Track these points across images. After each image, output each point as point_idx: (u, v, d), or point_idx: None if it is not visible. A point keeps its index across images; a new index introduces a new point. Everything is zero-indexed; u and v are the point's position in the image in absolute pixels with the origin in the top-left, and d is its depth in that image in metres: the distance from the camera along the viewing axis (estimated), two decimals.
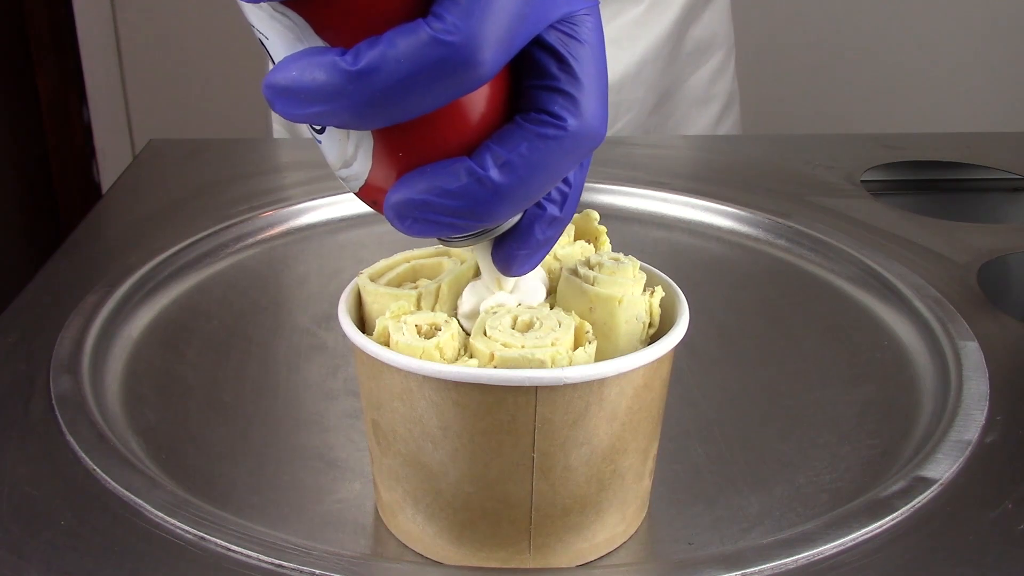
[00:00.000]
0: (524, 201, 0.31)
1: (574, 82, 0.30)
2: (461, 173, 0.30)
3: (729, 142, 0.95)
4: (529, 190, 0.31)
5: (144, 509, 0.39)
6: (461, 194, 0.30)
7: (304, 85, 0.28)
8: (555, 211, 0.34)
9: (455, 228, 0.31)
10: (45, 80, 1.95)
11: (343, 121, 0.29)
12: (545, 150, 0.30)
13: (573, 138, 0.30)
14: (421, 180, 0.30)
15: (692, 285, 0.41)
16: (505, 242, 0.34)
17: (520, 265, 0.35)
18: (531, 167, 0.30)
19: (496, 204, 0.30)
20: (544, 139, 0.30)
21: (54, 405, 0.46)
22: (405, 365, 0.34)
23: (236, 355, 0.54)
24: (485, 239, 0.34)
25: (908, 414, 0.49)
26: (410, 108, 0.28)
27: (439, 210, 0.30)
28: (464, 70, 0.27)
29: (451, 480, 0.36)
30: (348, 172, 0.32)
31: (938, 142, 0.89)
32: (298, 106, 0.28)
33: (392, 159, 0.31)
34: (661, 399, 0.38)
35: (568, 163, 0.31)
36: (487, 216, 0.31)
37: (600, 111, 0.31)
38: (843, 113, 1.96)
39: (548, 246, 0.35)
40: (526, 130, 0.30)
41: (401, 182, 0.31)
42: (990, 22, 1.92)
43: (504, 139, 0.30)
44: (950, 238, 0.67)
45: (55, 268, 0.62)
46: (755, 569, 0.37)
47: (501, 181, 0.30)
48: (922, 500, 0.40)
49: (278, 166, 0.83)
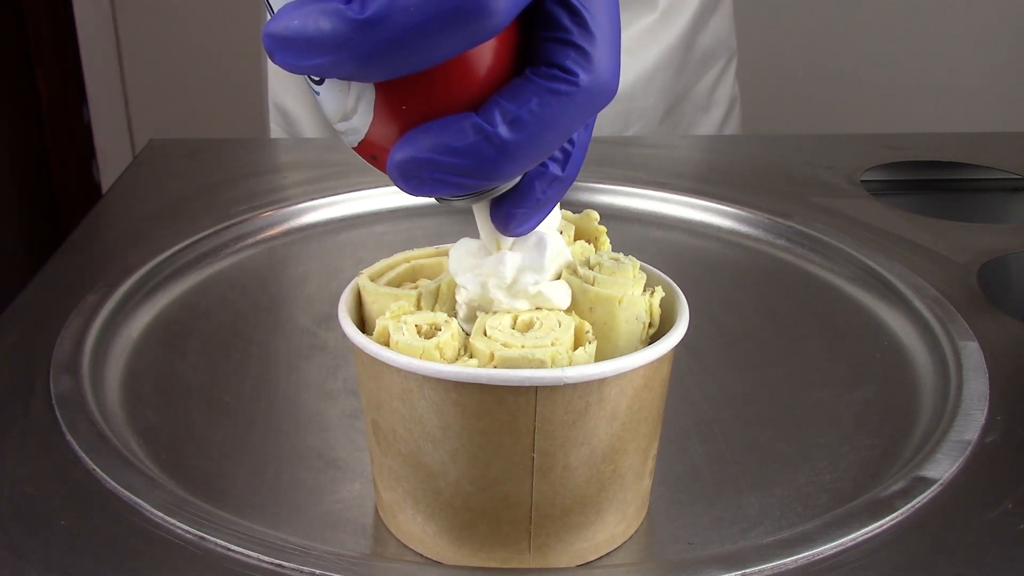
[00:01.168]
0: (533, 159, 0.30)
1: (587, 35, 0.29)
2: (468, 130, 0.29)
3: (729, 142, 0.95)
4: (538, 147, 0.30)
5: (144, 509, 0.39)
6: (468, 152, 0.29)
7: (307, 34, 0.27)
8: (557, 170, 0.33)
9: (461, 188, 0.30)
10: (45, 80, 1.95)
11: (347, 73, 0.27)
12: (556, 106, 0.29)
13: (585, 93, 0.29)
14: (426, 137, 0.29)
15: (692, 285, 0.41)
16: (504, 200, 0.33)
17: (518, 224, 0.34)
18: (541, 123, 0.29)
19: (504, 162, 0.29)
20: (555, 94, 0.29)
21: (54, 405, 0.46)
22: (405, 365, 0.34)
23: (236, 355, 0.54)
24: (485, 198, 0.33)
25: (908, 414, 0.49)
26: (417, 60, 0.27)
27: (445, 169, 0.29)
28: (476, 19, 0.26)
29: (451, 480, 0.36)
30: (347, 125, 0.31)
31: (938, 142, 0.89)
32: (300, 57, 0.27)
33: (395, 114, 0.30)
34: (661, 399, 0.38)
35: (579, 119, 0.30)
36: (495, 175, 0.30)
37: (613, 66, 0.30)
38: (843, 113, 1.96)
39: (548, 206, 0.34)
40: (536, 85, 0.29)
41: (405, 139, 0.30)
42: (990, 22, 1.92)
43: (513, 94, 0.29)
44: (950, 238, 0.67)
45: (55, 268, 0.62)
46: (755, 569, 0.37)
47: (510, 138, 0.29)
48: (922, 500, 0.40)
49: (278, 166, 0.83)
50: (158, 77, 2.02)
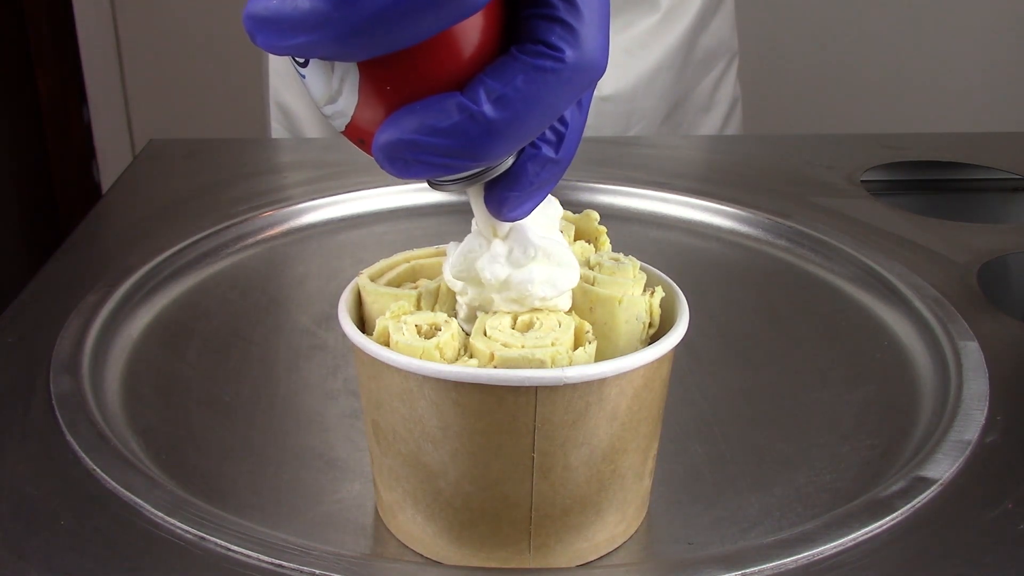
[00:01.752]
0: (520, 138, 0.29)
1: (572, 11, 0.28)
2: (452, 109, 0.28)
3: (729, 142, 0.95)
4: (525, 126, 0.29)
5: (144, 509, 0.39)
6: (453, 132, 0.28)
7: (286, 14, 0.26)
8: (550, 152, 0.32)
9: (448, 168, 0.30)
10: (45, 80, 1.95)
11: (328, 52, 0.27)
12: (542, 83, 0.28)
13: (571, 70, 0.29)
14: (410, 118, 0.29)
15: (692, 285, 0.41)
16: (497, 184, 0.33)
17: (512, 208, 0.33)
18: (527, 102, 0.29)
19: (490, 142, 0.29)
20: (541, 72, 0.28)
21: (54, 405, 0.46)
22: (405, 365, 0.34)
23: (236, 355, 0.54)
24: (478, 182, 0.33)
25: (908, 414, 0.49)
26: (399, 38, 0.26)
27: (430, 150, 0.29)
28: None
29: (451, 480, 0.36)
30: (333, 108, 0.31)
31: (938, 142, 0.89)
32: (281, 37, 0.27)
33: (379, 94, 0.29)
34: (661, 399, 0.38)
35: (566, 98, 0.29)
36: (481, 155, 0.29)
37: (600, 42, 0.29)
38: (843, 113, 1.96)
39: (542, 190, 0.33)
40: (522, 62, 0.28)
41: (389, 121, 0.29)
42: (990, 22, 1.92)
43: (498, 72, 0.29)
44: (950, 238, 0.67)
45: (55, 268, 0.62)
46: (755, 569, 0.37)
47: (495, 117, 0.28)
48: (922, 500, 0.40)
49: (278, 166, 0.83)
50: (158, 77, 2.02)
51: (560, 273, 0.36)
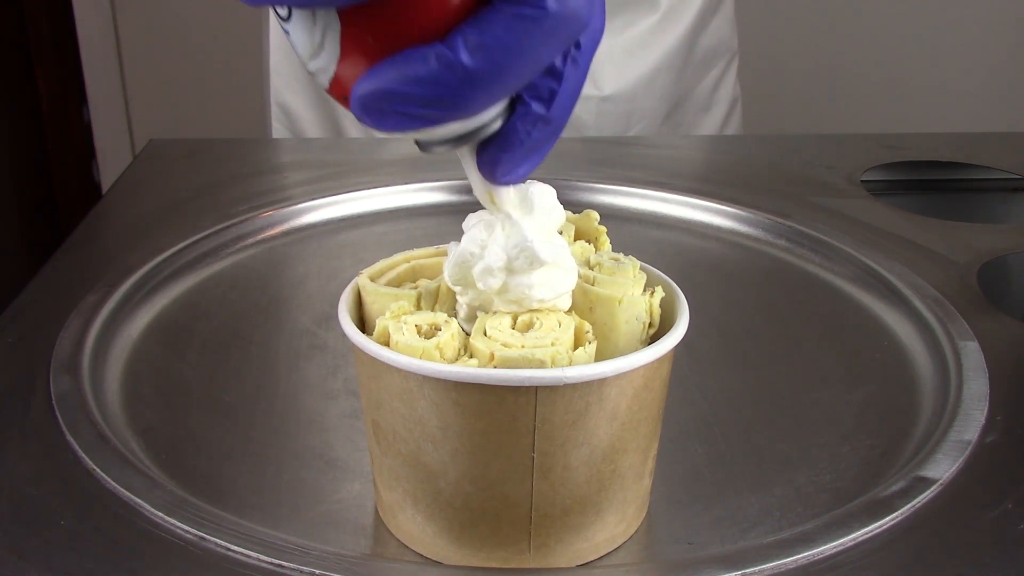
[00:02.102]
0: (500, 89, 0.29)
1: None
2: (430, 58, 0.28)
3: (729, 142, 0.95)
4: (504, 76, 0.28)
5: (144, 509, 0.39)
6: (430, 80, 0.28)
7: None
8: (540, 109, 0.31)
9: (426, 120, 0.29)
10: (45, 80, 1.95)
11: None
12: (522, 32, 0.28)
13: (553, 19, 0.28)
14: (389, 69, 0.28)
15: (692, 285, 0.41)
16: (489, 146, 0.32)
17: (505, 171, 0.32)
18: (506, 51, 0.28)
19: (468, 91, 0.28)
20: (521, 19, 0.28)
21: (54, 405, 0.46)
22: (405, 365, 0.34)
23: (236, 355, 0.54)
24: (467, 145, 0.32)
25: (908, 414, 0.49)
26: None
27: (406, 99, 0.28)
28: None
29: (451, 480, 0.36)
30: (317, 64, 0.30)
31: (938, 142, 0.89)
32: None
33: (361, 47, 0.29)
34: (661, 399, 0.38)
35: (549, 49, 0.29)
36: (459, 105, 0.28)
37: None
38: (843, 113, 1.96)
39: (536, 151, 0.32)
40: (502, 12, 0.28)
41: (368, 74, 0.29)
42: (990, 22, 1.92)
43: (479, 21, 0.28)
44: (950, 238, 0.67)
45: (55, 268, 0.62)
46: (755, 569, 0.37)
47: (473, 66, 0.28)
48: (922, 500, 0.40)
49: (278, 166, 0.83)
50: (158, 77, 2.02)
51: (559, 276, 0.36)
